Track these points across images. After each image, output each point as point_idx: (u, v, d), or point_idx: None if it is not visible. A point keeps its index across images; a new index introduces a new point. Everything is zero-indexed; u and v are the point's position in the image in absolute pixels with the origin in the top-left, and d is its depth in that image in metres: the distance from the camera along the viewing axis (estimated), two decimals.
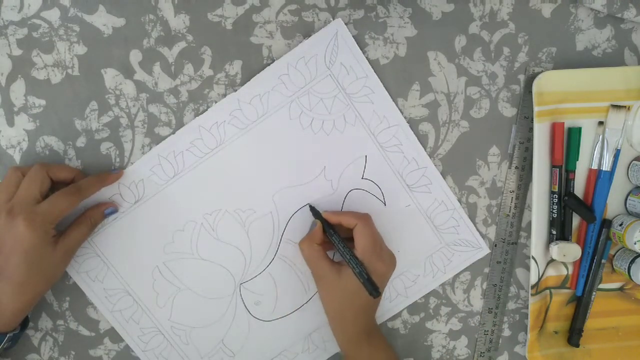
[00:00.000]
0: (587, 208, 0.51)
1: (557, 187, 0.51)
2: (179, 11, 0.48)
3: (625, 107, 0.51)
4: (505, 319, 0.55)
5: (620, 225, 0.51)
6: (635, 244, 0.49)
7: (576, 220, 0.52)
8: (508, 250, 0.54)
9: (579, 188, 0.52)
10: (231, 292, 0.52)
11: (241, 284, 0.52)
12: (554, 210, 0.52)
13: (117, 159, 0.50)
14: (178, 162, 0.50)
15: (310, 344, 0.53)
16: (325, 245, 0.49)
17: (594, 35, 0.52)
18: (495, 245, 0.54)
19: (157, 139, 0.50)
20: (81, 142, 0.49)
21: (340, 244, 0.47)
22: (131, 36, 0.48)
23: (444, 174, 0.52)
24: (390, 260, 0.48)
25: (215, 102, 0.50)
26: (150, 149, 0.50)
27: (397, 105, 0.51)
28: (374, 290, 0.45)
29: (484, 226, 0.54)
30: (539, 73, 0.50)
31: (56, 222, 0.44)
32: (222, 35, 0.49)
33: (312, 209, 0.50)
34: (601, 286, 0.54)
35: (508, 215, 0.54)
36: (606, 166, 0.51)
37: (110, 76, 0.49)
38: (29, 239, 0.42)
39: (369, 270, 0.46)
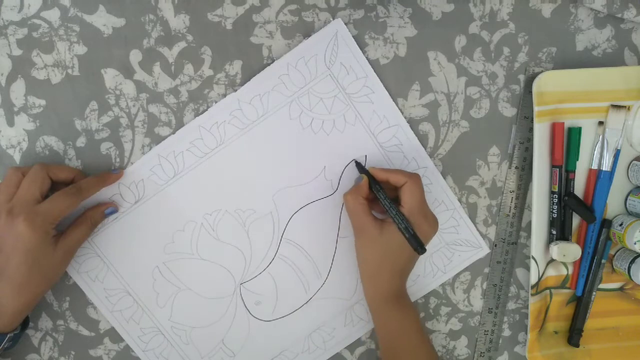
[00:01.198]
0: (587, 208, 0.51)
1: (557, 187, 0.51)
2: (179, 11, 0.48)
3: (625, 107, 0.51)
4: (505, 319, 0.55)
5: (620, 225, 0.51)
6: (635, 244, 0.49)
7: (576, 220, 0.52)
8: (508, 250, 0.54)
9: (579, 188, 0.52)
10: (231, 292, 0.52)
11: (241, 284, 0.52)
12: (554, 210, 0.52)
13: (117, 159, 0.50)
14: (178, 162, 0.50)
15: (310, 344, 0.53)
16: (370, 204, 0.48)
17: (594, 35, 0.52)
18: (495, 245, 0.54)
19: (157, 139, 0.50)
20: (81, 142, 0.49)
21: (387, 200, 0.46)
22: (131, 36, 0.48)
23: (444, 174, 0.52)
24: (434, 222, 0.47)
25: (215, 102, 0.50)
26: (150, 149, 0.50)
27: (397, 105, 0.51)
28: (420, 246, 0.44)
29: (484, 226, 0.54)
30: (539, 73, 0.50)
31: (56, 222, 0.44)
32: (222, 35, 0.49)
33: (358, 165, 0.50)
34: (601, 286, 0.54)
35: (508, 215, 0.54)
36: (606, 166, 0.51)
37: (110, 76, 0.49)
38: (29, 239, 0.42)
39: (414, 227, 0.45)
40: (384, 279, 0.48)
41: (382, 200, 0.46)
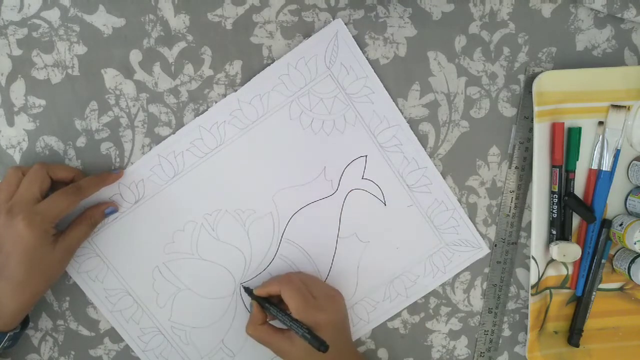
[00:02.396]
0: (587, 208, 0.51)
1: (557, 187, 0.51)
2: (179, 11, 0.48)
3: (625, 107, 0.51)
4: (505, 319, 0.55)
5: (620, 225, 0.51)
6: (635, 244, 0.49)
7: (576, 220, 0.52)
8: (508, 250, 0.54)
9: (579, 188, 0.52)
10: (231, 292, 0.52)
11: (241, 284, 0.52)
12: (554, 210, 0.52)
13: (117, 159, 0.50)
14: (178, 162, 0.50)
15: None
16: (267, 317, 0.49)
17: (594, 35, 0.52)
18: (495, 245, 0.54)
19: (157, 139, 0.50)
20: (81, 142, 0.49)
21: (279, 313, 0.47)
22: (131, 36, 0.48)
23: (444, 174, 0.52)
24: (328, 304, 0.48)
25: (215, 102, 0.50)
26: (150, 149, 0.50)
27: (397, 105, 0.51)
28: (321, 344, 0.44)
29: (484, 226, 0.54)
30: (539, 73, 0.50)
31: (56, 222, 0.44)
32: (222, 35, 0.49)
33: (246, 290, 0.50)
34: (601, 286, 0.54)
35: (508, 215, 0.54)
36: (606, 166, 0.51)
37: (110, 76, 0.49)
38: (29, 238, 0.42)
39: (311, 325, 0.45)
40: None
41: (276, 316, 0.47)
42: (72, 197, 0.45)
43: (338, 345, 0.47)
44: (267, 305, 0.48)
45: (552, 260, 0.52)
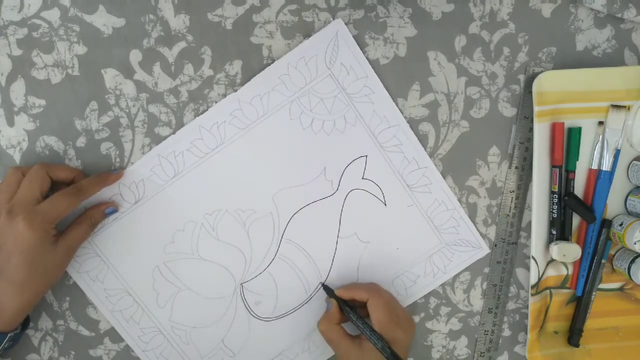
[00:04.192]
0: (587, 208, 0.51)
1: (557, 187, 0.51)
2: (179, 11, 0.48)
3: (625, 107, 0.51)
4: (505, 319, 0.55)
5: (620, 225, 0.51)
6: (635, 244, 0.49)
7: (576, 220, 0.52)
8: (508, 250, 0.54)
9: (579, 188, 0.52)
10: (231, 292, 0.52)
11: (242, 284, 0.52)
12: (554, 210, 0.52)
13: (117, 159, 0.50)
14: (178, 162, 0.50)
15: (311, 344, 0.53)
16: (343, 318, 0.49)
17: (594, 35, 0.52)
18: (495, 245, 0.54)
19: (157, 139, 0.50)
20: (81, 142, 0.49)
21: (359, 321, 0.47)
22: (131, 36, 0.48)
23: (444, 174, 0.52)
24: (408, 326, 0.48)
25: (216, 102, 0.50)
26: (150, 149, 0.50)
27: (397, 105, 0.51)
28: None
29: (484, 226, 0.54)
30: (539, 73, 0.50)
31: (56, 222, 0.44)
32: (222, 35, 0.49)
33: (326, 288, 0.51)
34: (601, 286, 0.54)
35: (508, 215, 0.54)
36: (606, 166, 0.51)
37: (110, 76, 0.49)
38: (29, 238, 0.42)
39: (389, 340, 0.46)
40: None
41: (355, 322, 0.47)
42: (72, 198, 0.45)
43: None
44: (348, 309, 0.48)
45: (552, 260, 0.52)
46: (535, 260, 0.52)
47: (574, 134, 0.51)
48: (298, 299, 0.53)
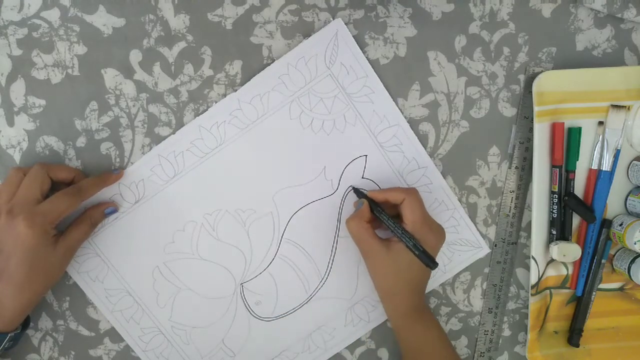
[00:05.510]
0: (587, 208, 0.51)
1: (557, 187, 0.51)
2: (179, 11, 0.48)
3: (625, 107, 0.51)
4: (505, 319, 0.55)
5: (620, 225, 0.51)
6: (635, 244, 0.49)
7: (576, 220, 0.52)
8: (508, 250, 0.54)
9: (579, 188, 0.52)
10: (232, 292, 0.52)
11: (242, 283, 0.52)
12: (554, 210, 0.52)
13: (117, 159, 0.50)
14: (178, 162, 0.50)
15: (311, 343, 0.53)
16: (372, 224, 0.48)
17: (594, 35, 0.52)
18: (495, 245, 0.54)
19: (157, 139, 0.50)
20: (81, 142, 0.49)
21: (390, 220, 0.46)
22: (131, 36, 0.48)
23: (444, 174, 0.52)
24: (440, 232, 0.48)
25: (215, 102, 0.50)
26: (150, 149, 0.50)
27: (397, 105, 0.51)
28: (431, 261, 0.45)
29: (484, 226, 0.54)
30: (539, 73, 0.50)
31: (56, 222, 0.44)
32: (222, 35, 0.49)
33: (356, 191, 0.50)
34: (601, 286, 0.54)
35: (508, 215, 0.54)
36: (606, 166, 0.51)
37: (110, 76, 0.49)
38: (29, 239, 0.42)
39: (421, 242, 0.45)
40: (402, 296, 0.48)
41: (386, 222, 0.47)
42: (72, 198, 0.45)
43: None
44: (380, 209, 0.47)
45: (552, 260, 0.52)
46: (535, 260, 0.52)
47: (574, 134, 0.51)
48: (298, 299, 0.53)
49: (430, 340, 0.48)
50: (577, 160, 0.51)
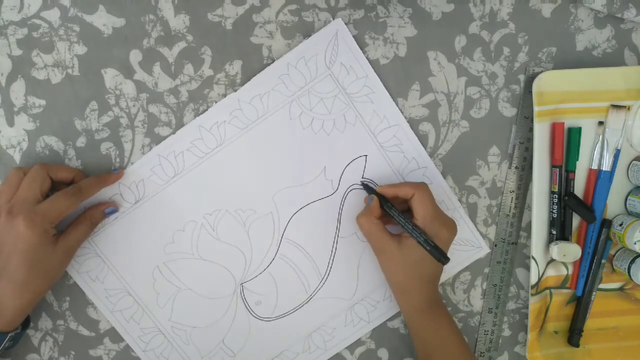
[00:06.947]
0: (587, 208, 0.51)
1: (557, 187, 0.51)
2: (179, 11, 0.48)
3: (625, 107, 0.51)
4: (505, 319, 0.55)
5: (620, 225, 0.51)
6: (635, 244, 0.49)
7: (576, 220, 0.52)
8: (508, 250, 0.54)
9: (579, 188, 0.52)
10: (232, 292, 0.52)
11: (242, 283, 0.52)
12: (554, 210, 0.52)
13: (117, 159, 0.50)
14: (178, 162, 0.50)
15: (311, 344, 0.53)
16: (383, 220, 0.48)
17: (594, 35, 0.52)
18: (495, 245, 0.54)
19: (157, 139, 0.50)
20: (81, 142, 0.49)
21: (400, 216, 0.46)
22: (131, 36, 0.48)
23: (444, 174, 0.52)
24: (451, 226, 0.47)
25: (215, 102, 0.50)
26: (150, 149, 0.50)
27: (397, 105, 0.51)
28: (442, 256, 0.44)
29: (484, 226, 0.54)
30: (539, 73, 0.50)
31: (56, 222, 0.44)
32: (222, 35, 0.49)
33: (366, 186, 0.50)
34: (601, 286, 0.54)
35: (508, 215, 0.54)
36: (606, 166, 0.51)
37: (110, 76, 0.49)
38: (29, 238, 0.42)
39: (432, 237, 0.45)
40: (414, 292, 0.48)
41: (397, 217, 0.46)
42: (72, 198, 0.45)
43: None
44: (390, 204, 0.47)
45: (552, 260, 0.52)
46: (535, 260, 0.52)
47: (574, 134, 0.51)
48: (298, 299, 0.53)
49: (443, 336, 0.48)
50: (577, 160, 0.51)
